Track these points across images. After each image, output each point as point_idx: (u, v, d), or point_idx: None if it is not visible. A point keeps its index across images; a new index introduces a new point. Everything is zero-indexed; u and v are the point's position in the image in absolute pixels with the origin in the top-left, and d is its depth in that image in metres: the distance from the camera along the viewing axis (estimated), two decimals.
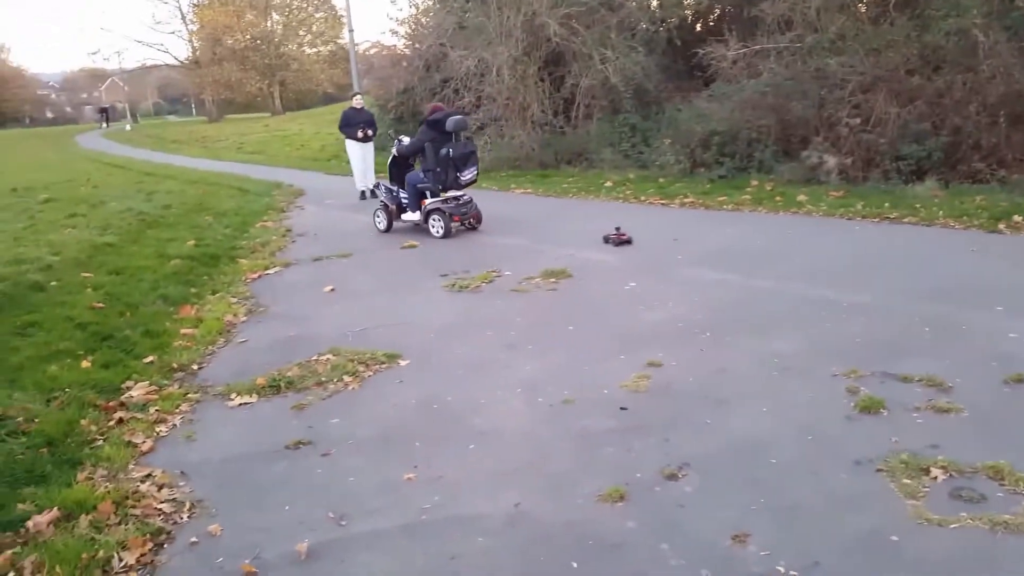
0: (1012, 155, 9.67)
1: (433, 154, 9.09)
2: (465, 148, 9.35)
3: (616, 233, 8.09)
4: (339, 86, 51.80)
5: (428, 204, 9.44)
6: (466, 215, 9.51)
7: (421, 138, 9.29)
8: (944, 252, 6.99)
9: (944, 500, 3.02)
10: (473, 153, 9.49)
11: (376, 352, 5.13)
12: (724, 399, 4.10)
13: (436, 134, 9.11)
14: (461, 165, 9.22)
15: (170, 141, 33.73)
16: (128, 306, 6.20)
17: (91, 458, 3.77)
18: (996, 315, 5.08)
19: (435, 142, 9.10)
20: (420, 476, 3.50)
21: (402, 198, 9.83)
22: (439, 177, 9.16)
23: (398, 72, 18.77)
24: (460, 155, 9.18)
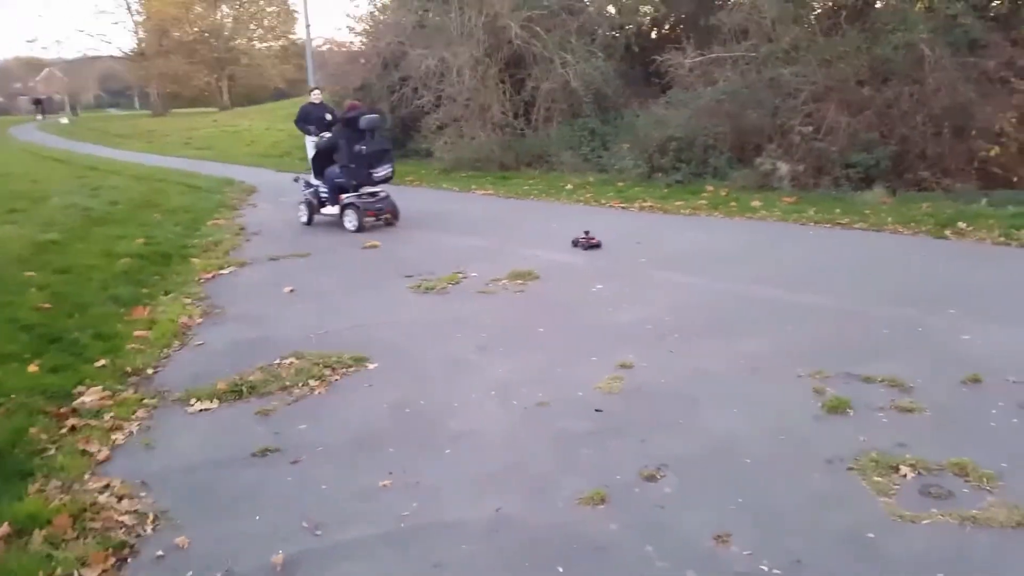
0: (955, 164, 10.03)
1: (347, 151, 9.50)
2: (379, 146, 9.70)
3: (585, 237, 8.12)
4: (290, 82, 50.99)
5: (344, 199, 9.81)
6: (381, 211, 9.88)
7: (336, 135, 9.79)
8: (896, 257, 7.19)
9: (915, 497, 3.09)
10: (387, 151, 9.86)
11: (342, 355, 5.02)
12: (696, 399, 4.14)
13: (351, 132, 9.49)
14: (375, 162, 9.61)
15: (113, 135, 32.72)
16: (77, 307, 5.94)
17: (43, 469, 3.56)
18: (950, 318, 5.24)
19: (350, 140, 9.48)
20: (396, 482, 3.43)
21: (322, 193, 10.17)
22: (353, 173, 9.60)
23: (355, 69, 18.53)
24: (373, 152, 9.56)
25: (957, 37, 10.16)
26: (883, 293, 5.93)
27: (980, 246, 7.29)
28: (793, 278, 6.52)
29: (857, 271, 6.71)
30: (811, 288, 6.16)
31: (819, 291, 6.06)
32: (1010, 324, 5.02)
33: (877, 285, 6.18)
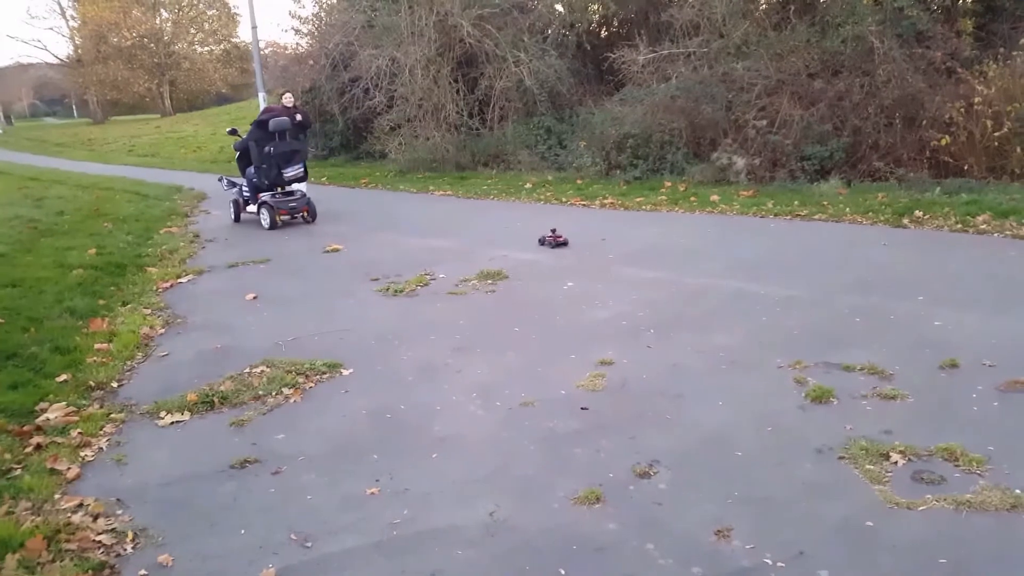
0: (907, 154, 10.27)
1: (258, 152, 10.07)
2: (288, 147, 10.18)
3: (552, 235, 8.09)
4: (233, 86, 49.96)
5: (260, 198, 10.32)
6: (295, 209, 10.32)
7: (247, 137, 10.32)
8: (857, 246, 7.31)
9: (908, 483, 3.11)
10: (297, 152, 10.34)
11: (315, 362, 4.89)
12: (680, 394, 4.12)
13: (262, 134, 10.05)
14: (283, 163, 10.12)
15: (52, 144, 31.65)
16: (31, 320, 5.67)
17: (9, 489, 3.37)
18: (919, 304, 5.33)
19: (259, 141, 10.06)
20: (384, 490, 3.33)
21: (244, 192, 10.66)
22: (265, 173, 10.12)
23: (303, 71, 18.21)
24: (281, 153, 10.09)
25: (904, 29, 10.42)
26: (850, 282, 6.02)
27: (938, 234, 7.47)
28: (760, 270, 6.58)
29: (822, 261, 6.80)
30: (778, 280, 6.21)
31: (787, 282, 6.12)
32: (979, 309, 5.13)
33: (843, 274, 6.27)
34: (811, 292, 5.82)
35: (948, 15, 11.47)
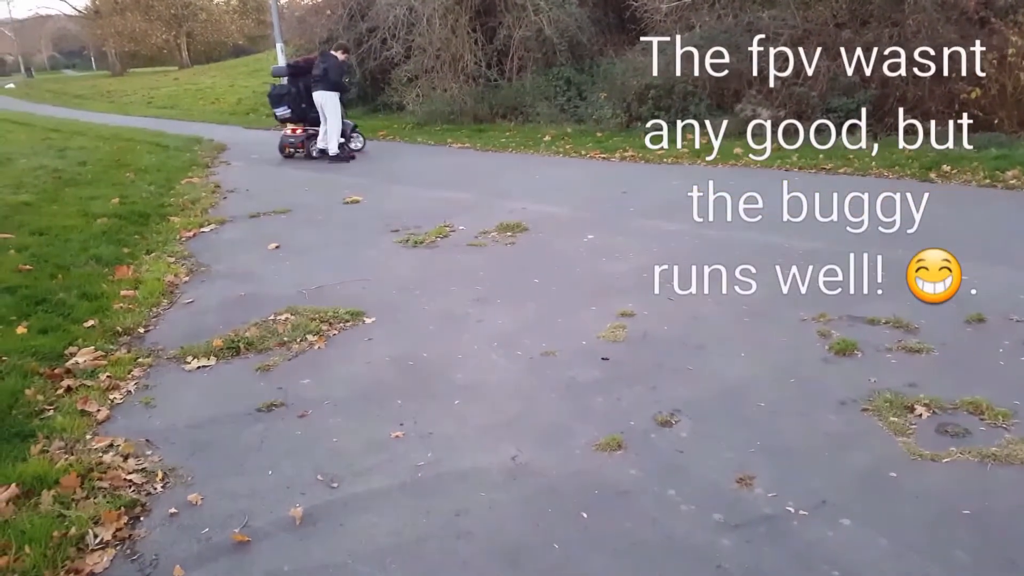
0: (935, 107, 10.02)
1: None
2: (277, 91, 12.07)
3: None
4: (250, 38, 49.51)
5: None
6: (292, 144, 11.85)
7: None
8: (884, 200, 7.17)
9: (932, 436, 3.11)
10: (283, 95, 11.87)
11: (338, 310, 4.92)
12: (701, 345, 4.12)
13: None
14: (274, 104, 12.00)
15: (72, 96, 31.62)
16: (58, 268, 5.74)
17: (43, 429, 3.45)
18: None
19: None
20: (408, 433, 3.38)
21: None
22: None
23: (320, 21, 17.99)
24: (273, 95, 12.06)
25: None
26: (874, 236, 5.92)
27: (966, 188, 7.34)
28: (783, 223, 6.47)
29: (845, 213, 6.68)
30: (802, 233, 6.13)
31: (810, 236, 6.04)
32: (1007, 264, 5.07)
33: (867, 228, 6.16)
34: (834, 245, 5.75)
35: None
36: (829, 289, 4.83)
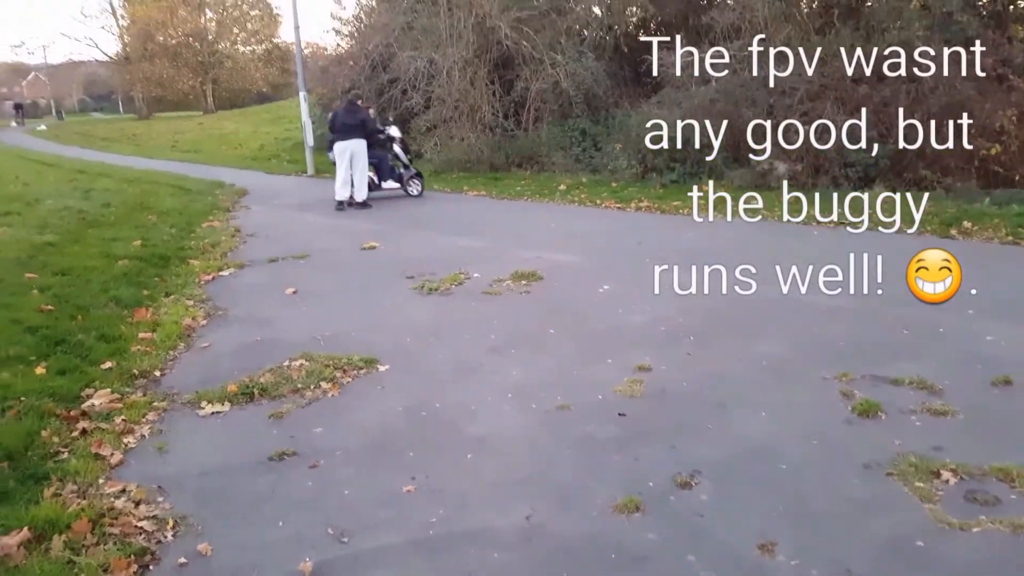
0: (955, 163, 10.03)
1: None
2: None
3: None
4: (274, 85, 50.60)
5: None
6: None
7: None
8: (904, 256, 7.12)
9: (960, 503, 3.01)
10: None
11: (352, 356, 4.89)
12: (722, 403, 4.05)
13: None
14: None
15: (99, 138, 32.25)
16: (79, 309, 5.78)
17: (57, 472, 3.44)
18: (969, 318, 5.19)
19: None
20: (420, 487, 3.32)
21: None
22: None
23: (343, 71, 18.37)
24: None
25: (953, 34, 10.17)
26: (895, 293, 5.86)
27: (988, 246, 7.28)
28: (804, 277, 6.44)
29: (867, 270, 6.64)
30: (821, 288, 6.07)
31: (830, 291, 5.97)
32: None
33: (888, 285, 6.11)
34: (855, 302, 5.68)
35: (999, 20, 11.18)
36: (850, 346, 4.78)
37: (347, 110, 11.73)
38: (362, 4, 19.58)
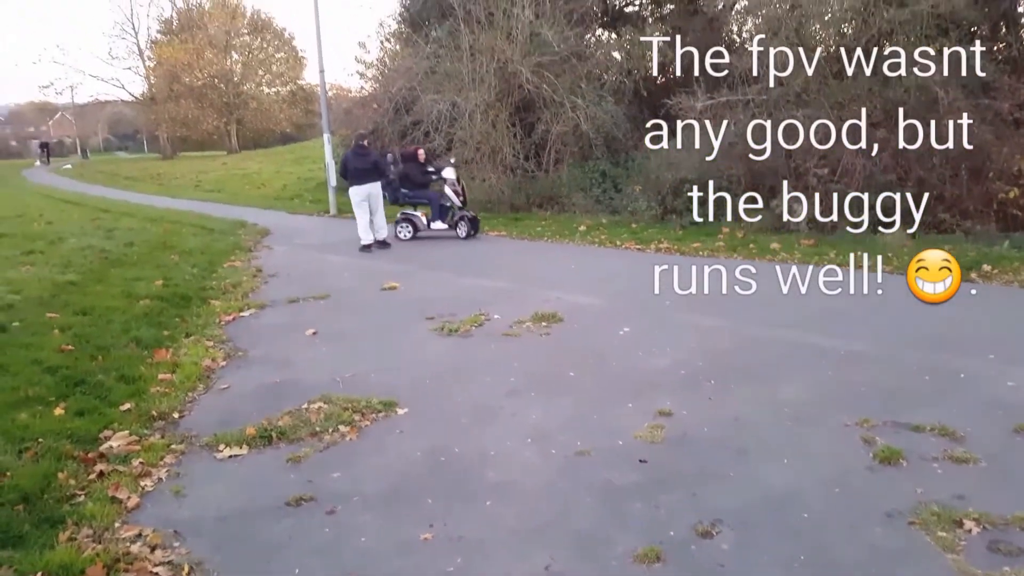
0: (974, 206, 9.99)
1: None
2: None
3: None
4: (298, 126, 51.55)
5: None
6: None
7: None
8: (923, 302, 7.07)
9: (983, 553, 2.96)
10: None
11: (371, 399, 4.91)
12: (743, 450, 4.01)
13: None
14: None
15: (123, 177, 32.92)
16: (99, 349, 5.85)
17: (73, 515, 3.45)
18: (989, 363, 5.12)
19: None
20: (438, 535, 3.30)
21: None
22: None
23: (367, 113, 18.70)
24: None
25: (970, 79, 10.20)
26: (918, 337, 5.83)
27: (1008, 289, 7.21)
28: (823, 322, 6.42)
29: (887, 315, 6.61)
30: (844, 332, 6.05)
31: (853, 336, 5.95)
32: None
33: (910, 329, 6.08)
34: (878, 346, 5.65)
35: (1015, 66, 11.21)
36: (871, 393, 4.73)
37: (356, 153, 11.71)
38: (386, 48, 20.08)
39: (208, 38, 48.20)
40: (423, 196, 12.46)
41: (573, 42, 15.14)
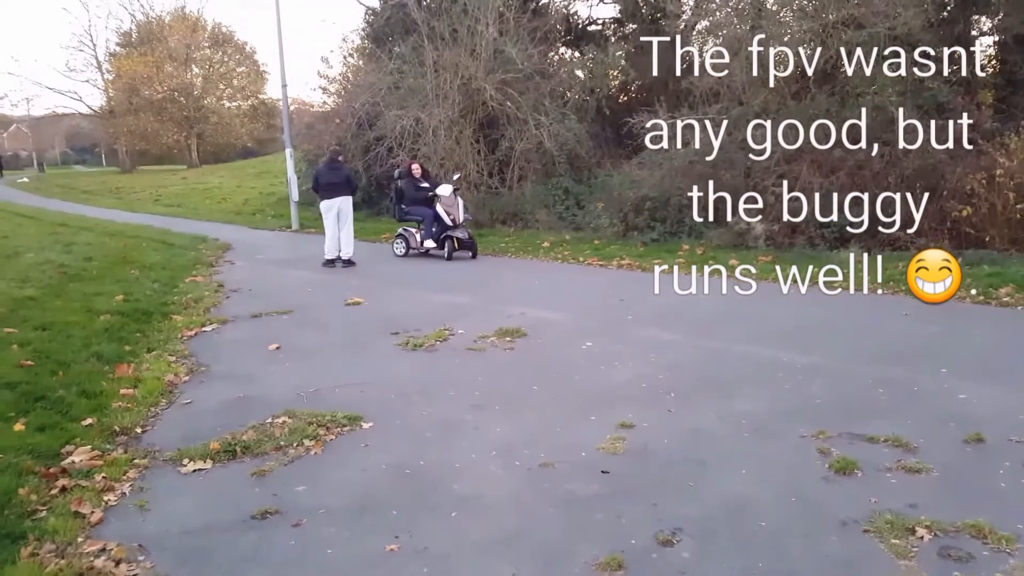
0: (928, 224, 10.30)
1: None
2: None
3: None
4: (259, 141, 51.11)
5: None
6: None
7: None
8: (879, 316, 7.31)
9: (935, 560, 3.07)
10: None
11: (336, 414, 4.90)
12: (702, 461, 4.10)
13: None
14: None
15: (81, 191, 32.27)
16: (59, 364, 5.75)
17: (35, 531, 3.41)
18: (942, 377, 5.31)
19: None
20: (404, 547, 3.32)
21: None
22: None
23: (329, 128, 18.67)
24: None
25: (925, 100, 10.62)
26: (872, 352, 6.01)
27: (961, 305, 7.45)
28: (780, 337, 6.58)
29: (843, 330, 6.80)
30: (800, 347, 6.21)
31: (809, 350, 6.11)
32: (1004, 383, 5.10)
33: (864, 344, 6.26)
34: (833, 361, 5.81)
35: (968, 87, 11.65)
36: (828, 406, 4.87)
37: (329, 167, 11.79)
38: (349, 63, 20.10)
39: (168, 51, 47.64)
40: (418, 213, 12.22)
41: (537, 60, 15.33)
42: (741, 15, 13.60)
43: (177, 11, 49.99)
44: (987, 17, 13.07)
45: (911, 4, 10.87)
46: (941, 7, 12.19)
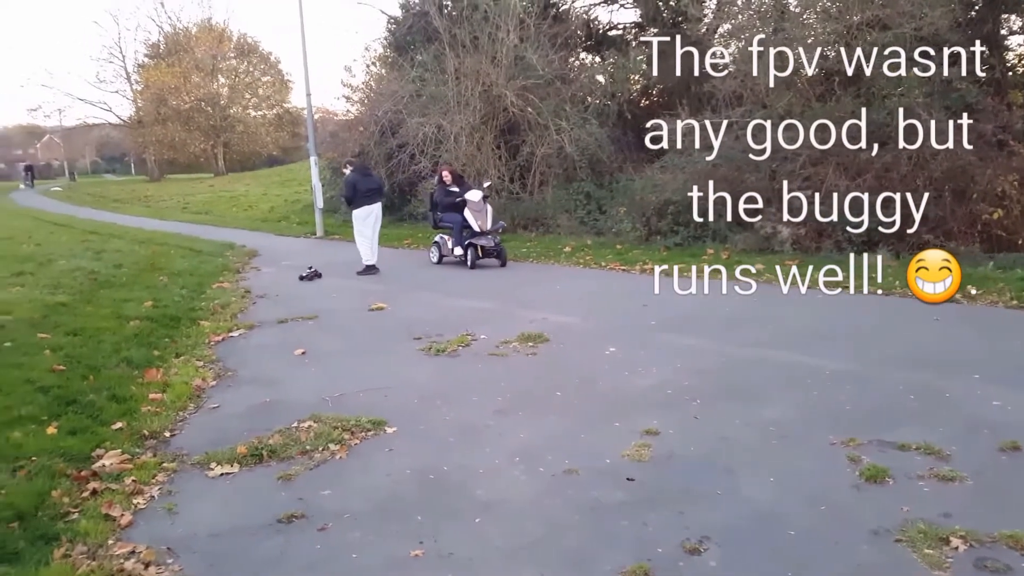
0: (958, 227, 10.15)
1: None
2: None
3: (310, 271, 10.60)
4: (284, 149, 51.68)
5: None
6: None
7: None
8: (908, 321, 7.20)
9: (970, 571, 3.01)
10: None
11: (360, 418, 4.92)
12: (729, 468, 4.05)
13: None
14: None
15: (111, 200, 32.83)
16: (90, 369, 5.86)
17: (67, 533, 3.47)
18: (974, 383, 5.20)
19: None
20: (428, 552, 3.32)
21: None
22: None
23: (353, 136, 18.80)
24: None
25: (953, 101, 10.43)
26: (903, 358, 5.91)
27: (993, 310, 7.32)
28: (808, 342, 6.51)
29: (873, 335, 6.71)
30: (829, 352, 6.13)
31: (838, 355, 6.03)
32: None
33: (895, 349, 6.16)
34: (863, 366, 5.72)
35: (998, 88, 11.46)
36: (857, 412, 4.80)
37: (364, 175, 11.94)
38: (372, 72, 20.21)
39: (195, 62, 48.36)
40: (449, 220, 11.99)
41: (557, 65, 15.36)
42: (763, 18, 13.49)
43: (204, 22, 50.74)
44: (1017, 16, 12.85)
45: (937, 4, 10.69)
46: (968, 6, 11.98)
